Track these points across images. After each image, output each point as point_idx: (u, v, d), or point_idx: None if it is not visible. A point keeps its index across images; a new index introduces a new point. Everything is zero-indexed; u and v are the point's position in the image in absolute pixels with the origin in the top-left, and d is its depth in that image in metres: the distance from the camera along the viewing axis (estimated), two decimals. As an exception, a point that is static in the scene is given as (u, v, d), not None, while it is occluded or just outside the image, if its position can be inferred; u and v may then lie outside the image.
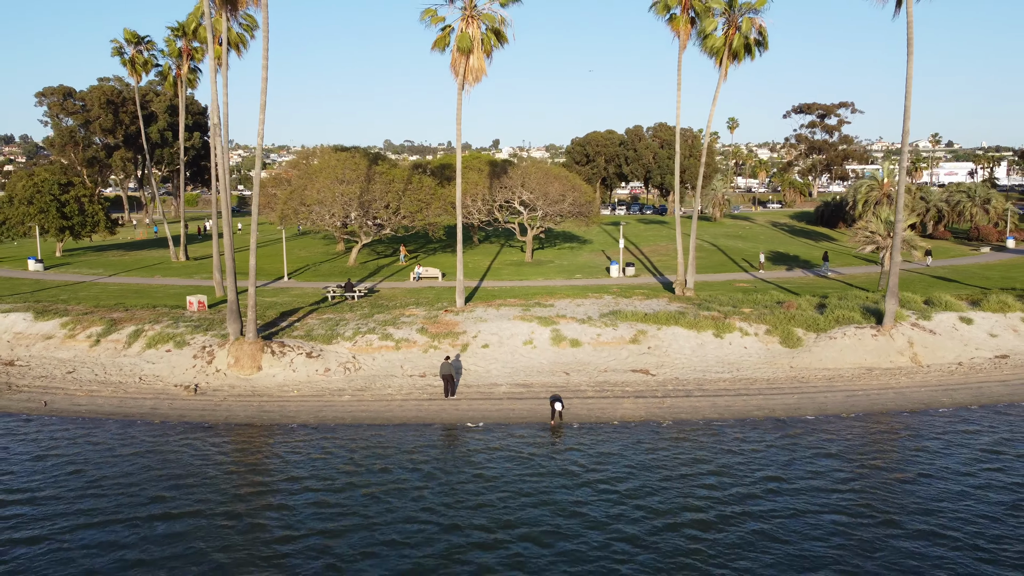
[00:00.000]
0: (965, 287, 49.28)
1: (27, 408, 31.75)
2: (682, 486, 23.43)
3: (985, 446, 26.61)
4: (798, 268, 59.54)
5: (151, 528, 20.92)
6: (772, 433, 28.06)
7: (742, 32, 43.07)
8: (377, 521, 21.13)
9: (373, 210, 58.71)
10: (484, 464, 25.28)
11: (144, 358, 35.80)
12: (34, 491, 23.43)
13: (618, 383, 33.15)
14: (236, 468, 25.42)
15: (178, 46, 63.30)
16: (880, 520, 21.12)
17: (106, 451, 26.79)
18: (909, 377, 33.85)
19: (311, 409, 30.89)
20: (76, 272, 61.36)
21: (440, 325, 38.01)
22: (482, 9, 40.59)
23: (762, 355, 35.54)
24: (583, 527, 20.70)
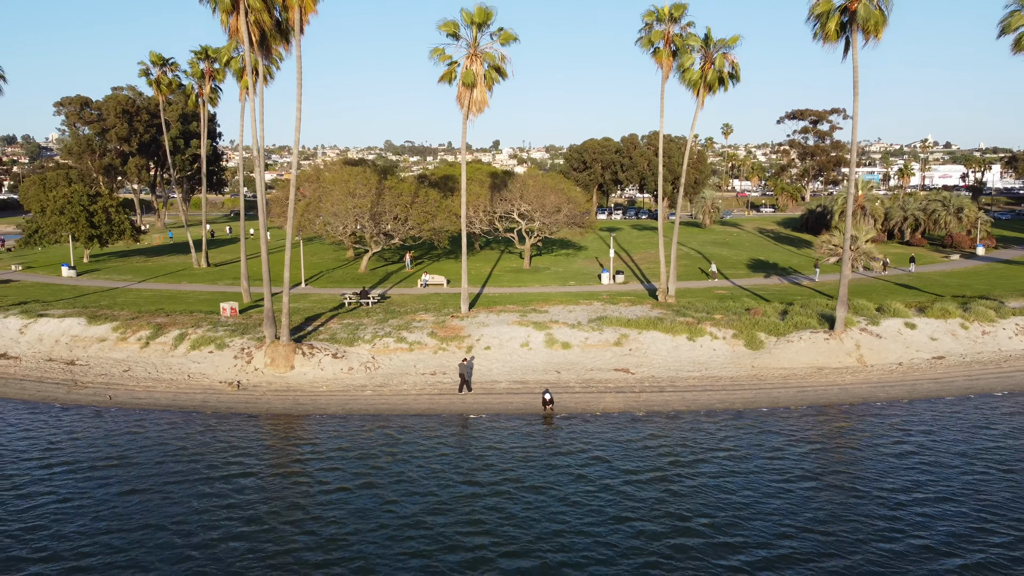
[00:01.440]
0: (922, 294, 54.90)
1: (95, 401, 37.41)
2: (645, 454, 29.07)
3: (901, 427, 32.25)
4: (775, 275, 65.10)
5: (223, 484, 26.52)
6: (728, 421, 33.72)
7: (716, 67, 48.67)
8: (403, 478, 26.76)
9: (383, 221, 64.35)
10: (488, 440, 30.93)
11: (190, 358, 41.45)
12: (130, 458, 29.03)
13: (602, 380, 38.80)
14: (282, 445, 31.08)
15: (201, 68, 68.87)
16: (801, 476, 26.78)
17: (177, 433, 32.42)
18: (854, 375, 39.52)
19: (339, 402, 36.54)
20: (107, 278, 66.97)
21: (447, 329, 43.66)
22: (484, 48, 46.17)
23: (728, 356, 41.19)
24: (564, 479, 26.32)
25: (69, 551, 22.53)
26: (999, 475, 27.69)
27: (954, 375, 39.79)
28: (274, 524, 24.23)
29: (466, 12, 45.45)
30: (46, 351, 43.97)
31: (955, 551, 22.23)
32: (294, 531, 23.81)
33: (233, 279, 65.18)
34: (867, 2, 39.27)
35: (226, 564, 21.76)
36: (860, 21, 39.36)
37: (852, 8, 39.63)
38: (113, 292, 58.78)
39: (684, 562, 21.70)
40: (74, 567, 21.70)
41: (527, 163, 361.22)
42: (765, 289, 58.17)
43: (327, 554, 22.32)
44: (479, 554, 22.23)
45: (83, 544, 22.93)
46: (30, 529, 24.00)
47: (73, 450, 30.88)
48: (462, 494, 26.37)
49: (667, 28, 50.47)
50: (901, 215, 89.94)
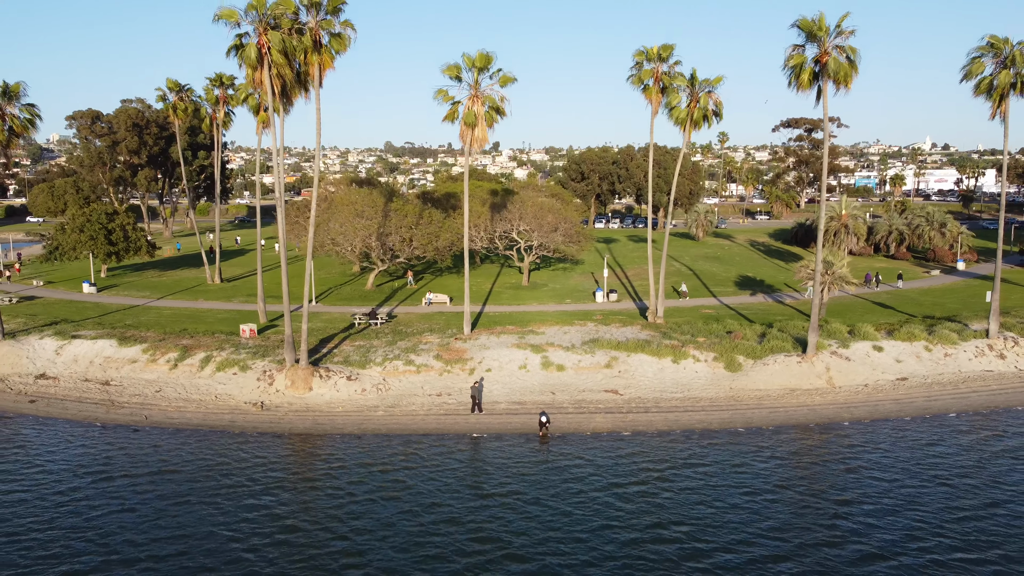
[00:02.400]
0: (897, 314, 59.02)
1: (132, 421, 41.52)
2: (630, 470, 33.15)
3: (858, 445, 36.37)
4: (761, 293, 69.16)
5: (264, 496, 30.61)
6: (704, 440, 37.83)
7: (701, 105, 52.71)
8: (419, 491, 30.85)
9: (390, 242, 68.40)
10: (492, 458, 35.02)
11: (216, 380, 45.55)
12: (177, 473, 33.11)
13: (593, 401, 42.91)
14: (308, 461, 35.19)
15: (215, 94, 72.99)
16: (762, 489, 30.86)
17: (215, 450, 36.51)
18: (822, 396, 43.65)
19: (354, 422, 40.65)
20: (127, 295, 71.05)
21: (452, 352, 47.76)
22: (484, 90, 50.16)
23: (709, 378, 45.29)
24: (559, 492, 30.42)
25: (144, 555, 26.63)
26: (935, 488, 31.79)
27: (914, 396, 43.91)
28: (313, 531, 28.38)
29: (468, 57, 49.42)
30: (82, 371, 48.06)
31: (887, 554, 26.35)
32: (329, 536, 27.97)
33: (247, 296, 69.23)
34: (836, 56, 43.30)
35: (278, 566, 25.85)
36: (831, 73, 43.39)
37: (823, 60, 43.66)
38: (135, 310, 62.84)
39: (661, 563, 25.79)
40: (148, 568, 25.78)
41: (527, 165, 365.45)
42: (749, 308, 62.23)
43: (361, 556, 26.43)
44: (488, 556, 26.37)
45: (153, 547, 27.04)
46: (104, 535, 28.10)
47: (127, 465, 34.99)
48: (471, 506, 30.53)
49: (656, 67, 54.49)
50: (886, 229, 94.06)
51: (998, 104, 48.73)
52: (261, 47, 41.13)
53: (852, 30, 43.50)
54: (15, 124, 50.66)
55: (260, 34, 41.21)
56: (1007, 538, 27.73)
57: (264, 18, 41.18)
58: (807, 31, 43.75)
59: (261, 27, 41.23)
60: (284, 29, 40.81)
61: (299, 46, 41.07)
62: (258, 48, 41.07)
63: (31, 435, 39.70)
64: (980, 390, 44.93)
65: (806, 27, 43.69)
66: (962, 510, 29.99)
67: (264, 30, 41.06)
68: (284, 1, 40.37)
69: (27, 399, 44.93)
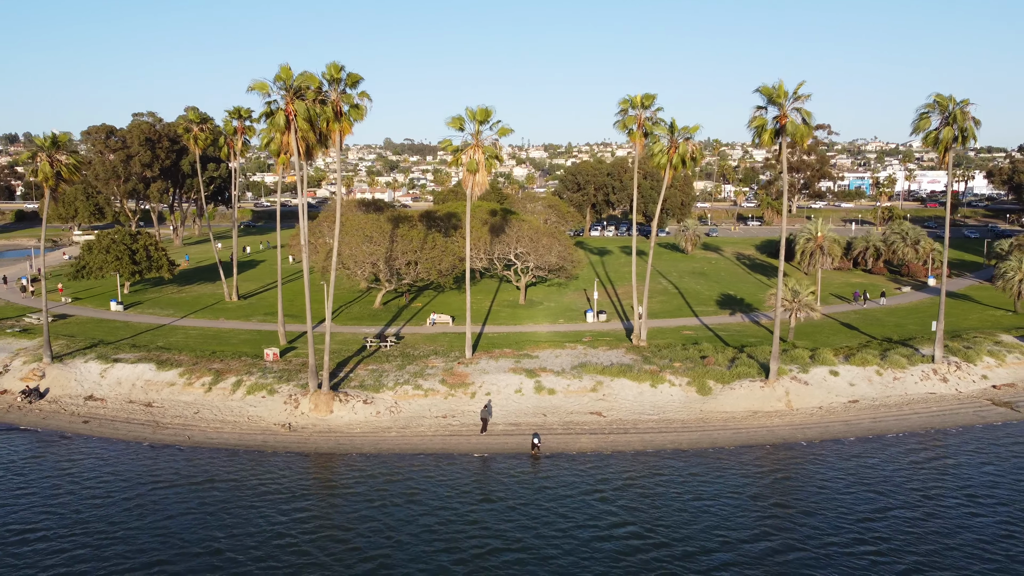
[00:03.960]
0: (860, 336, 65.59)
1: (176, 441, 48.08)
2: (610, 485, 39.69)
3: (797, 462, 42.97)
4: (740, 313, 75.67)
5: (304, 501, 37.16)
6: (674, 459, 44.40)
7: (679, 152, 59.08)
8: (433, 497, 37.41)
9: (396, 265, 74.90)
10: (492, 473, 41.61)
11: (247, 402, 52.12)
12: (227, 485, 39.65)
13: (579, 423, 49.49)
14: (335, 477, 41.77)
15: (233, 125, 79.37)
16: (713, 497, 37.43)
17: (255, 468, 43.05)
18: (781, 418, 50.23)
19: (371, 442, 47.22)
20: (151, 313, 77.53)
21: (455, 376, 54.31)
22: (484, 140, 56.51)
23: (682, 401, 51.87)
24: (549, 502, 36.96)
25: (224, 547, 33.17)
26: (846, 495, 38.39)
27: (862, 417, 50.50)
28: (354, 527, 34.94)
29: (470, 110, 55.76)
30: (125, 393, 54.61)
31: (803, 546, 32.97)
32: (367, 535, 34.51)
33: (265, 315, 75.73)
34: (793, 119, 49.71)
35: (327, 561, 32.45)
36: (789, 133, 49.83)
37: (782, 123, 50.07)
38: (163, 331, 69.32)
39: (633, 556, 32.37)
40: (229, 558, 32.37)
41: (526, 163, 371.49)
42: (727, 329, 68.75)
43: (392, 550, 32.98)
44: (490, 547, 32.92)
45: (208, 543, 33.57)
46: (166, 534, 34.68)
47: (179, 478, 41.54)
48: (475, 511, 37.18)
49: (639, 113, 61.02)
50: (864, 245, 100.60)
51: (943, 155, 55.11)
52: (288, 114, 47.51)
53: (808, 95, 50.01)
54: (63, 170, 56.91)
55: (288, 103, 47.58)
56: (894, 534, 34.32)
57: (291, 88, 47.55)
58: (768, 96, 50.16)
59: (288, 96, 47.60)
60: (309, 99, 47.14)
61: (322, 115, 47.44)
62: (286, 115, 47.45)
63: (93, 452, 46.24)
64: (921, 412, 51.49)
65: (767, 93, 50.11)
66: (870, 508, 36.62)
67: (291, 99, 47.43)
68: (309, 77, 46.71)
69: (81, 420, 51.47)
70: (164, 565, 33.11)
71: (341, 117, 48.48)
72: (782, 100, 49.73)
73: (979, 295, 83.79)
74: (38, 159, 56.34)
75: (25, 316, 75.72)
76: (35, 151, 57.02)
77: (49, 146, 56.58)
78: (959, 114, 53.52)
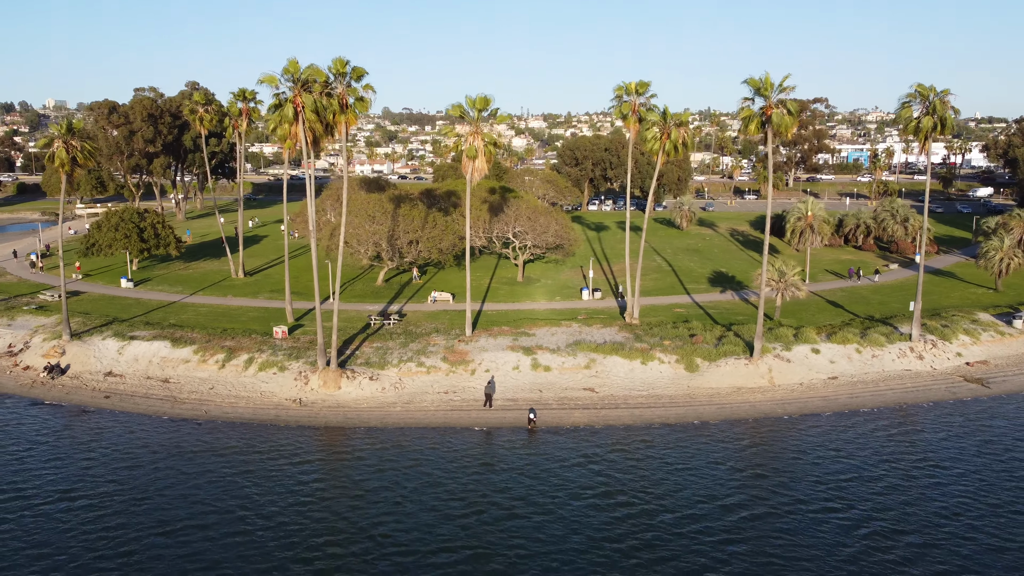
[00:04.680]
0: (845, 314, 68.77)
1: (194, 415, 51.40)
2: (600, 456, 43.09)
3: (771, 435, 46.37)
4: (730, 290, 78.73)
5: (319, 470, 40.57)
6: (661, 432, 47.78)
7: (672, 139, 61.69)
8: (436, 467, 40.82)
9: (398, 244, 77.77)
10: (492, 445, 45.02)
11: (259, 379, 55.36)
12: (248, 456, 43.01)
13: (573, 398, 52.80)
14: (345, 447, 45.16)
15: (239, 107, 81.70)
16: (692, 464, 40.84)
17: (271, 439, 46.40)
18: (763, 394, 53.55)
19: (377, 416, 50.56)
20: (161, 290, 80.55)
21: (456, 354, 57.53)
22: (483, 127, 59.09)
23: (671, 378, 55.15)
24: (545, 471, 40.36)
25: (244, 509, 36.60)
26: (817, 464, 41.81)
27: (840, 394, 53.84)
28: (362, 491, 38.37)
29: (470, 99, 58.27)
30: (143, 370, 57.84)
31: (764, 511, 36.43)
32: (375, 500, 37.94)
33: (271, 292, 78.79)
34: (778, 111, 52.32)
35: (337, 520, 35.91)
36: (774, 125, 52.48)
37: (768, 114, 52.69)
38: (174, 308, 72.41)
39: (622, 518, 35.82)
40: (249, 518, 35.80)
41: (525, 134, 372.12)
42: (717, 307, 71.89)
43: (398, 510, 36.39)
44: (489, 508, 36.37)
45: (227, 505, 36.98)
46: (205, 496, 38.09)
47: (201, 449, 44.91)
48: (476, 478, 40.65)
49: (633, 100, 63.55)
50: (854, 223, 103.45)
51: (923, 143, 57.80)
52: (296, 106, 50.10)
53: (793, 87, 52.54)
54: (78, 155, 59.54)
55: (295, 95, 50.16)
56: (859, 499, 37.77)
57: (298, 81, 50.08)
58: (755, 88, 52.72)
59: (296, 89, 50.16)
60: (316, 92, 49.71)
61: (329, 107, 50.02)
62: (294, 107, 50.04)
63: (118, 425, 49.59)
64: (896, 388, 54.84)
65: (754, 85, 52.67)
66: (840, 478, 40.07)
67: (299, 92, 50.00)
68: (316, 70, 49.24)
69: (102, 395, 54.78)
70: (193, 524, 36.65)
71: (347, 109, 51.04)
72: (768, 92, 52.30)
73: (964, 272, 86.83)
74: (55, 145, 58.88)
75: (39, 293, 78.69)
76: (52, 137, 59.52)
77: (65, 132, 59.13)
78: (938, 104, 56.12)
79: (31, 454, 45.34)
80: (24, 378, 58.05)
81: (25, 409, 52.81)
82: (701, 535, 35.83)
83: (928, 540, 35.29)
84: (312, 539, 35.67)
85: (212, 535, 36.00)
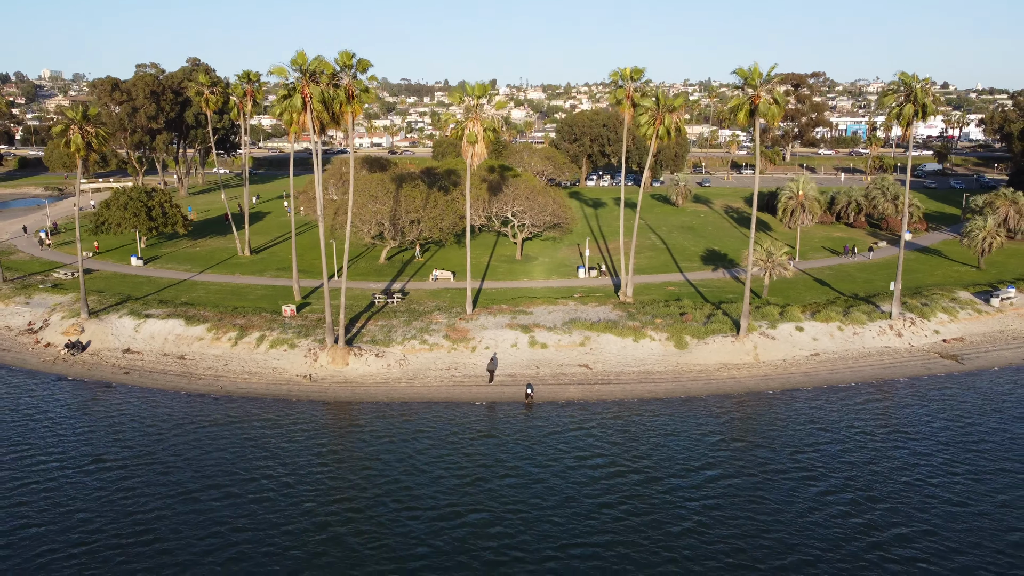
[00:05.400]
0: (831, 292, 71.97)
1: (210, 390, 54.79)
2: (593, 427, 46.55)
3: (750, 408, 49.85)
4: (722, 268, 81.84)
5: (333, 442, 44.03)
6: (651, 406, 51.22)
7: (665, 125, 64.41)
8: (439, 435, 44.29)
9: (400, 224, 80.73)
10: (492, 417, 48.50)
11: (270, 356, 58.67)
12: (257, 424, 46.46)
13: (568, 374, 56.18)
14: (354, 420, 48.63)
15: (243, 88, 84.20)
16: (676, 432, 44.31)
17: (286, 413, 49.83)
18: (748, 370, 56.93)
19: (383, 392, 53.96)
20: (171, 268, 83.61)
21: (457, 332, 60.80)
22: (482, 114, 61.78)
23: (661, 355, 58.49)
24: (540, 441, 43.84)
25: (263, 473, 40.11)
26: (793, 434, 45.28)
27: (821, 369, 57.22)
28: (370, 457, 41.89)
29: (469, 86, 60.94)
30: (159, 347, 61.11)
31: (740, 474, 39.95)
32: (385, 467, 41.42)
33: (278, 270, 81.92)
34: (766, 99, 55.05)
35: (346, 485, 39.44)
36: (761, 113, 55.24)
37: (756, 102, 55.43)
38: (184, 286, 75.57)
39: (610, 480, 39.32)
40: (266, 483, 39.31)
41: (524, 105, 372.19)
42: (708, 285, 75.07)
43: (404, 474, 39.88)
44: (489, 472, 39.90)
45: (250, 471, 40.49)
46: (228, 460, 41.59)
47: (221, 421, 48.35)
48: (477, 446, 44.21)
49: (628, 86, 66.15)
50: (846, 200, 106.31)
51: (905, 129, 60.55)
52: (305, 96, 52.83)
53: (779, 76, 55.11)
54: (93, 141, 62.28)
55: (304, 85, 52.84)
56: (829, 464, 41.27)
57: (306, 72, 52.76)
58: (744, 78, 55.41)
59: (304, 80, 52.84)
60: (323, 83, 52.39)
61: (336, 97, 52.73)
62: (302, 97, 52.77)
63: (140, 399, 53.00)
64: (874, 364, 58.24)
65: (743, 75, 55.36)
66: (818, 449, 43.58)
67: (307, 83, 52.69)
68: (323, 63, 51.90)
69: (122, 371, 58.14)
70: (213, 487, 40.40)
71: (353, 100, 53.73)
72: (756, 82, 54.97)
73: (950, 251, 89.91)
74: (71, 131, 61.59)
75: (53, 271, 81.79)
76: (67, 124, 62.19)
77: (80, 119, 61.80)
78: (919, 92, 58.80)
79: (62, 425, 48.87)
80: (46, 355, 61.33)
81: (51, 384, 56.20)
82: (687, 500, 39.39)
83: (894, 506, 38.84)
84: (324, 502, 39.22)
85: (232, 498, 39.59)
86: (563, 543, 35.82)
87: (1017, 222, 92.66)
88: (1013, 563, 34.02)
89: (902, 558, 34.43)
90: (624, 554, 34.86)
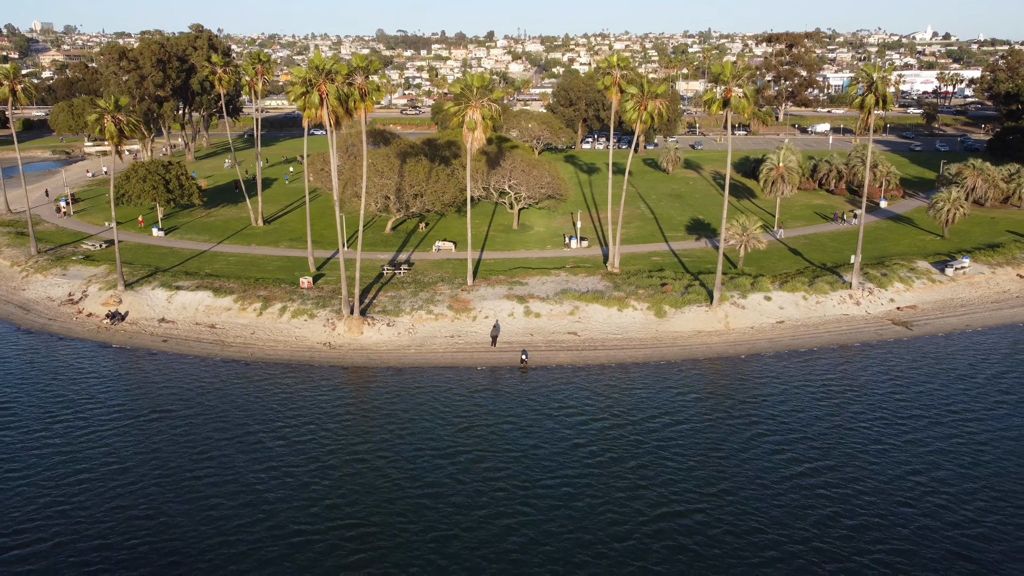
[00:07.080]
0: (802, 261, 79.49)
1: (241, 356, 62.61)
2: (582, 387, 54.54)
3: (717, 371, 57.84)
4: (705, 238, 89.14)
5: (354, 399, 52.01)
6: (631, 370, 59.16)
7: (648, 111, 71.12)
8: (447, 394, 52.28)
9: (405, 197, 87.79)
10: (492, 381, 56.50)
11: (292, 325, 66.40)
12: (292, 388, 54.39)
13: (559, 341, 64.00)
14: (370, 382, 56.62)
15: (254, 68, 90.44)
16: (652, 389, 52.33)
17: (312, 376, 57.76)
18: (719, 337, 64.76)
19: (395, 358, 61.82)
20: (190, 239, 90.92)
21: (459, 303, 68.47)
22: (482, 102, 68.39)
23: (642, 323, 66.25)
24: (535, 401, 51.84)
25: (293, 424, 48.15)
26: (752, 390, 53.30)
27: (784, 336, 65.06)
28: (384, 412, 49.95)
29: (471, 75, 67.58)
30: (191, 317, 68.80)
31: (704, 424, 48.04)
32: (395, 422, 49.50)
33: (291, 240, 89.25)
34: (736, 93, 61.83)
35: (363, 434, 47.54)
36: (732, 106, 62.08)
37: (728, 96, 62.22)
38: (205, 256, 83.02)
39: (595, 429, 47.40)
40: (291, 434, 47.37)
41: (522, 59, 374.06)
42: (690, 255, 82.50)
43: (414, 426, 47.93)
44: (490, 422, 47.96)
45: (281, 419, 48.52)
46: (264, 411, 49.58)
47: (259, 381, 56.29)
48: (479, 401, 52.33)
49: (615, 73, 72.68)
50: (827, 168, 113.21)
51: (866, 117, 67.38)
52: (322, 93, 59.57)
53: (748, 73, 61.84)
54: (125, 128, 69.03)
55: (320, 83, 59.53)
56: (776, 414, 49.33)
57: (323, 72, 59.40)
58: (716, 74, 62.13)
59: (321, 78, 59.51)
60: (338, 82, 59.08)
61: (350, 95, 59.46)
62: (319, 94, 59.52)
63: (180, 363, 60.91)
64: (832, 330, 66.05)
65: (716, 71, 62.06)
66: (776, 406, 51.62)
67: (323, 81, 59.38)
68: (338, 64, 58.48)
69: (160, 339, 65.90)
70: (252, 434, 48.51)
71: (366, 98, 60.46)
72: (727, 79, 61.66)
73: (920, 219, 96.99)
74: (104, 120, 68.28)
75: (81, 242, 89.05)
76: (101, 112, 68.83)
77: (113, 108, 68.46)
78: (879, 83, 65.47)
79: (115, 386, 56.91)
80: (89, 324, 69.03)
81: (98, 350, 64.03)
82: (659, 447, 47.53)
83: (823, 447, 47.00)
84: (352, 441, 47.37)
85: (268, 444, 47.74)
86: (552, 474, 44.09)
87: (985, 192, 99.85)
88: (933, 490, 42.26)
89: (831, 483, 42.68)
90: (598, 483, 43.09)
